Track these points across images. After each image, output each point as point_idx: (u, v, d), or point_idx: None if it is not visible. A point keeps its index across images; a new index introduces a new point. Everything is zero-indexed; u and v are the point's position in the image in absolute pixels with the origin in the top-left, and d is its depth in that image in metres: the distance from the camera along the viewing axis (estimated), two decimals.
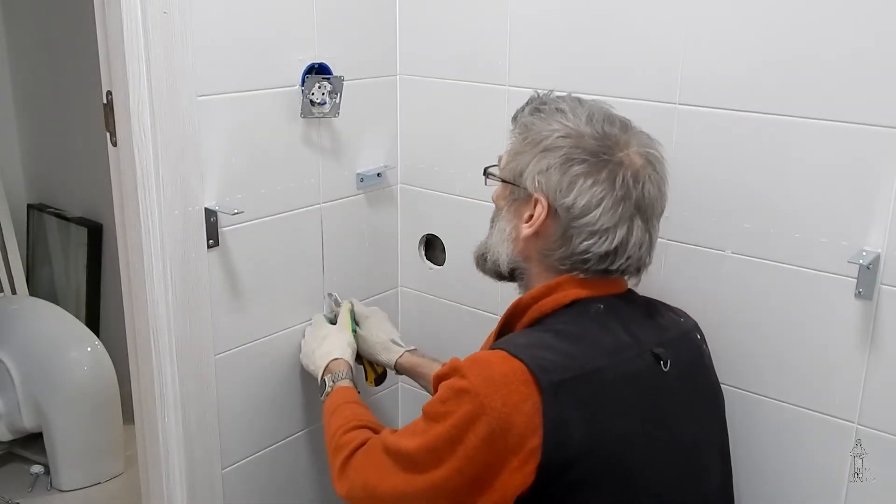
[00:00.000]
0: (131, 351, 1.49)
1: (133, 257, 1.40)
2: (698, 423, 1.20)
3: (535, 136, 1.18)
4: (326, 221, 1.65)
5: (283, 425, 1.66)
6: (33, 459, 2.48)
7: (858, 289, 1.25)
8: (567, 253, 1.16)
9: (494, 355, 1.08)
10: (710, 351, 1.29)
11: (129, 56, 1.28)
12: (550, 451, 1.02)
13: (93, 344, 2.41)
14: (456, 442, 1.06)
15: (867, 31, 1.18)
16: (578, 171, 1.13)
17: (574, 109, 1.19)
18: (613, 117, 1.20)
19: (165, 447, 1.46)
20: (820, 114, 1.24)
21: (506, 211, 1.23)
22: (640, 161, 1.16)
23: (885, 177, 1.20)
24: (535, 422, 1.02)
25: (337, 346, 1.53)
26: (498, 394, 1.03)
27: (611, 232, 1.14)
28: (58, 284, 2.98)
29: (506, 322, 1.23)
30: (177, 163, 1.36)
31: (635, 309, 1.21)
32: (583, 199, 1.13)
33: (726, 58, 1.30)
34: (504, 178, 1.23)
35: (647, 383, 1.13)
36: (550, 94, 1.25)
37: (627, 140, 1.17)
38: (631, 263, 1.17)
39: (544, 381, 1.03)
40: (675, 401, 1.16)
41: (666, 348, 1.17)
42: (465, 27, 1.60)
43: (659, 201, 1.19)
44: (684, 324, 1.27)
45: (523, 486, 1.04)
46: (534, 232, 1.18)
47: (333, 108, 1.57)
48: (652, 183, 1.16)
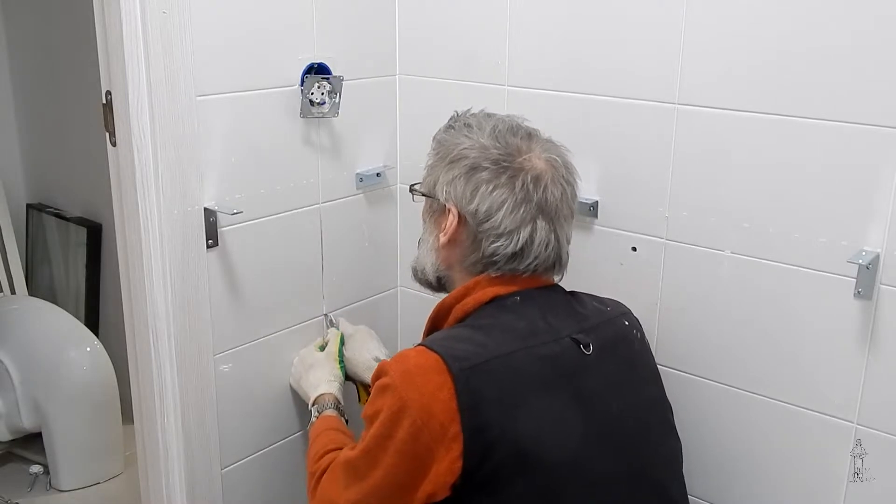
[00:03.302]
0: (130, 351, 1.49)
1: (132, 257, 1.40)
2: (628, 402, 1.23)
3: (445, 150, 1.28)
4: (326, 221, 1.65)
5: (283, 425, 1.66)
6: (32, 459, 2.48)
7: (858, 289, 1.25)
8: (479, 257, 1.23)
9: (412, 350, 1.14)
10: (644, 337, 1.32)
11: (128, 56, 1.28)
12: (469, 435, 1.07)
13: (92, 344, 2.41)
14: (386, 439, 1.11)
15: (867, 31, 1.18)
16: (481, 178, 1.21)
17: (480, 124, 1.27)
18: (518, 128, 1.27)
19: (165, 447, 1.46)
20: (820, 114, 1.24)
21: (427, 223, 1.32)
22: (541, 165, 1.23)
23: (884, 177, 1.20)
24: (451, 408, 1.07)
25: (323, 379, 1.55)
26: (414, 385, 1.09)
27: (515, 233, 1.20)
28: (57, 284, 2.98)
29: (433, 323, 1.30)
30: (176, 163, 1.36)
31: (555, 300, 1.25)
32: (485, 203, 1.21)
33: (726, 58, 1.30)
34: (422, 192, 1.32)
35: (564, 364, 1.17)
36: (466, 112, 1.34)
37: (530, 146, 1.24)
38: (539, 263, 1.23)
39: (455, 368, 1.08)
40: (600, 381, 1.20)
41: (586, 334, 1.21)
42: (465, 27, 1.60)
43: (565, 202, 1.24)
44: (610, 312, 1.30)
45: (454, 474, 1.08)
46: (448, 240, 1.26)
47: (333, 108, 1.57)
48: (555, 185, 1.23)
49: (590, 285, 1.36)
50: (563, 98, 1.50)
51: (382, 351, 1.62)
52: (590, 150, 1.46)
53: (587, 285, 1.35)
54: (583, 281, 1.36)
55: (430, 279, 1.33)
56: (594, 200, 1.50)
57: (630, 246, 1.48)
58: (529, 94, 1.53)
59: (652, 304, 1.45)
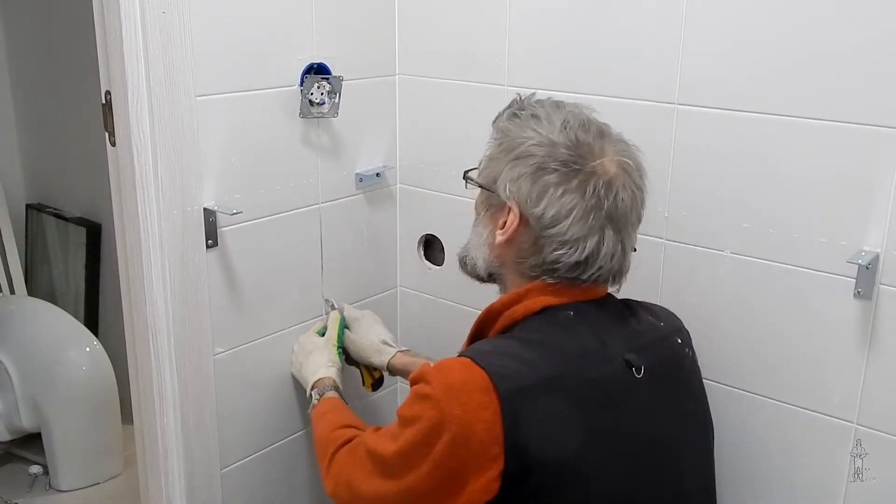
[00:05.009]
0: (130, 351, 1.49)
1: (132, 257, 1.40)
2: (673, 427, 1.19)
3: (510, 142, 1.18)
4: (325, 221, 1.65)
5: (282, 425, 1.66)
6: (32, 459, 2.48)
7: (857, 289, 1.25)
8: (538, 261, 1.16)
9: (457, 363, 1.09)
10: (694, 354, 1.27)
11: (127, 56, 1.28)
12: (511, 458, 1.03)
13: (91, 344, 2.41)
14: (424, 447, 1.07)
15: (867, 31, 1.18)
16: (549, 181, 1.13)
17: (549, 116, 1.18)
18: (590, 123, 1.18)
19: (164, 447, 1.46)
20: (820, 114, 1.24)
21: (483, 215, 1.24)
22: (613, 169, 1.14)
23: (884, 177, 1.20)
24: (495, 429, 1.03)
25: (321, 364, 1.54)
26: (457, 401, 1.04)
27: (581, 242, 1.13)
28: (56, 284, 2.98)
29: (478, 328, 1.24)
30: (176, 163, 1.36)
31: (608, 314, 1.19)
32: (552, 209, 1.12)
33: (726, 58, 1.30)
34: (480, 184, 1.24)
35: (614, 388, 1.13)
36: (532, 97, 1.25)
37: (602, 147, 1.15)
38: (602, 273, 1.16)
39: (503, 389, 1.04)
40: (646, 406, 1.15)
41: (638, 353, 1.15)
42: (465, 27, 1.60)
43: (634, 210, 1.17)
44: (663, 328, 1.25)
45: (490, 493, 1.05)
46: (506, 239, 1.18)
47: (332, 108, 1.57)
48: (626, 191, 1.14)
49: None
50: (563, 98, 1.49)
51: (388, 335, 1.61)
52: None
53: None
54: None
55: (481, 273, 1.26)
56: None
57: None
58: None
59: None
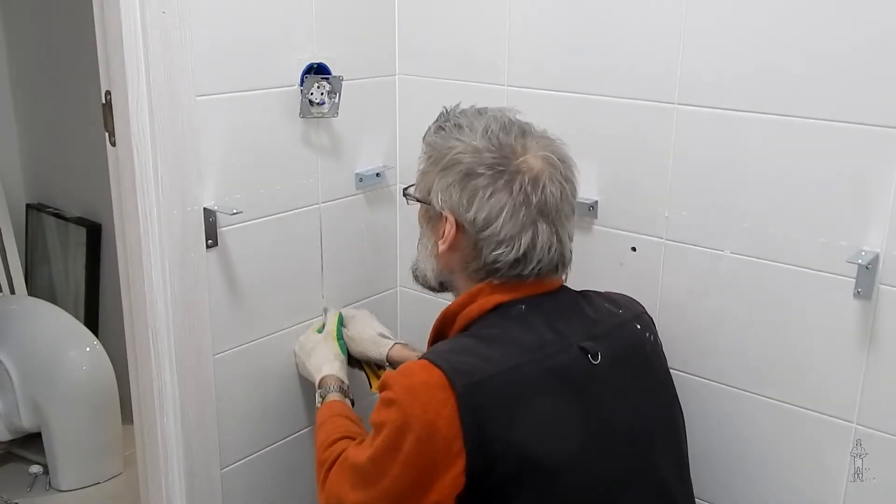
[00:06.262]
0: (130, 351, 1.49)
1: (132, 257, 1.40)
2: (638, 411, 1.21)
3: (437, 154, 1.24)
4: (325, 221, 1.65)
5: (282, 425, 1.66)
6: (32, 459, 2.48)
7: (857, 289, 1.25)
8: (480, 264, 1.21)
9: (416, 365, 1.13)
10: (657, 338, 1.30)
11: (127, 56, 1.28)
12: (474, 451, 1.06)
13: (91, 344, 2.41)
14: (393, 450, 1.11)
15: (867, 31, 1.18)
16: (477, 185, 1.18)
17: (472, 123, 1.23)
18: (511, 124, 1.23)
19: (164, 447, 1.46)
20: (820, 114, 1.24)
21: (425, 228, 1.30)
22: (538, 165, 1.19)
23: (884, 177, 1.20)
24: (454, 425, 1.06)
25: (324, 359, 1.55)
26: (418, 402, 1.08)
27: (516, 239, 1.18)
28: (56, 284, 2.98)
29: (437, 331, 1.28)
30: (176, 163, 1.36)
31: (561, 305, 1.23)
32: (483, 211, 1.18)
33: (726, 58, 1.30)
34: (417, 198, 1.29)
35: (573, 375, 1.15)
36: (456, 108, 1.29)
37: (525, 145, 1.20)
38: (543, 266, 1.20)
39: (459, 385, 1.07)
40: (608, 392, 1.18)
41: (596, 341, 1.19)
42: (465, 27, 1.60)
43: (565, 201, 1.21)
44: (622, 315, 1.28)
45: (458, 487, 1.08)
46: (448, 247, 1.23)
47: (332, 108, 1.57)
48: (553, 184, 1.19)
49: (589, 285, 1.36)
50: (563, 98, 1.50)
51: (385, 329, 1.62)
52: (589, 151, 1.45)
53: (587, 285, 1.35)
54: (583, 281, 1.35)
55: (433, 284, 1.32)
56: (594, 200, 1.50)
57: (630, 246, 1.48)
58: (529, 94, 1.53)
59: (651, 304, 1.44)
